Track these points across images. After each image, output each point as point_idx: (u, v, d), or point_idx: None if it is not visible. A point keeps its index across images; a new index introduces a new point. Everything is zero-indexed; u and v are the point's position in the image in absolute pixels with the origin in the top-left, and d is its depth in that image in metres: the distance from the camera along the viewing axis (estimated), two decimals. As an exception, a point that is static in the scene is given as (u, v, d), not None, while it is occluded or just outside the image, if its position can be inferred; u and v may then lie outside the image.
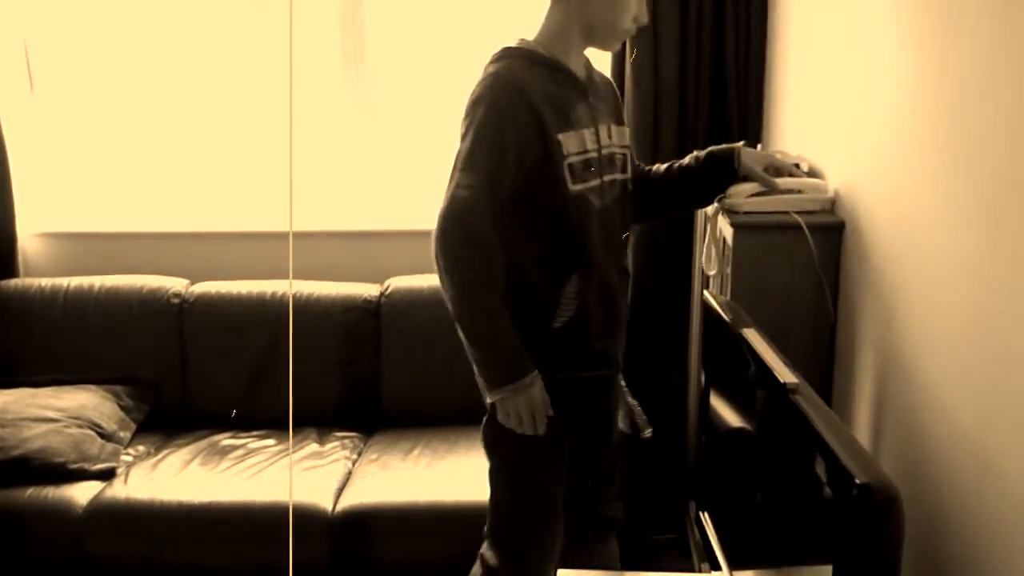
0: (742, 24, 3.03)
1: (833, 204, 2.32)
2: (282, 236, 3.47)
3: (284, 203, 3.55)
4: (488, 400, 1.90)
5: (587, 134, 1.92)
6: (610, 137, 2.00)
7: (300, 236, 3.48)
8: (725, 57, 3.05)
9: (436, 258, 1.84)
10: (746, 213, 2.31)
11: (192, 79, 3.52)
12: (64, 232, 3.54)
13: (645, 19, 1.94)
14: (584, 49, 1.99)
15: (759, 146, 2.95)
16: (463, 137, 1.85)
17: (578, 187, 1.89)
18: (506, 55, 1.91)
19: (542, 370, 1.90)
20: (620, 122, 2.08)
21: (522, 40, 1.94)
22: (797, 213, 2.26)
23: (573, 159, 1.88)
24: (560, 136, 1.86)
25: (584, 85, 1.97)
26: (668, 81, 3.04)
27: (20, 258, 3.44)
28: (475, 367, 1.89)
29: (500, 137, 1.82)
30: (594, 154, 1.93)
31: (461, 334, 1.87)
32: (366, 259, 3.43)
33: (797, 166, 2.29)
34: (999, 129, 1.47)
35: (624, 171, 2.05)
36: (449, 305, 1.86)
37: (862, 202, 2.16)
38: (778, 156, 2.25)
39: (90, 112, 3.56)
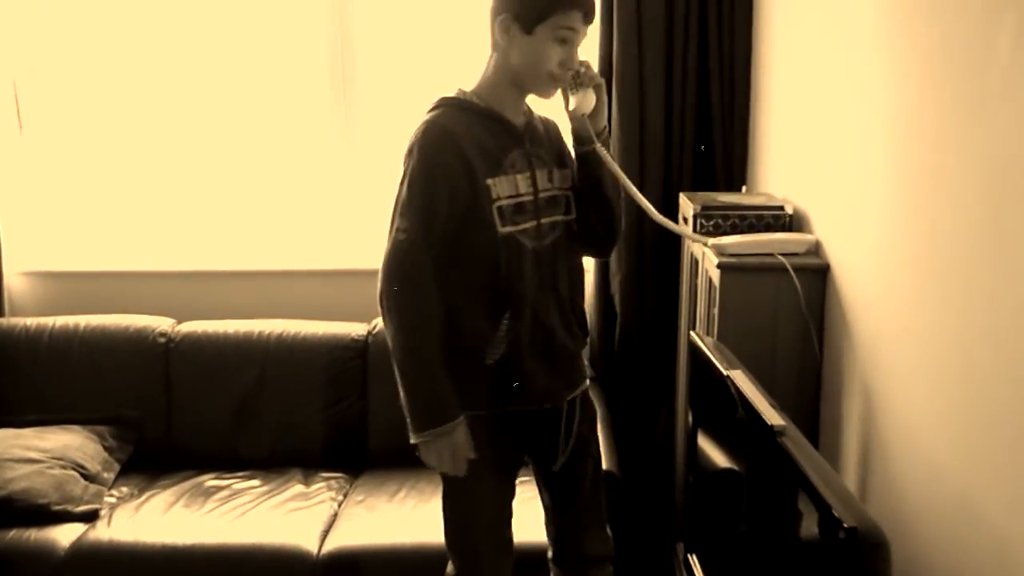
0: (726, 69, 3.07)
1: (818, 247, 2.35)
2: (268, 275, 3.48)
3: (270, 242, 3.57)
4: (411, 440, 1.96)
5: (520, 179, 1.97)
6: (551, 180, 2.04)
7: (287, 274, 3.49)
8: (711, 100, 3.09)
9: (379, 300, 1.92)
10: (732, 255, 2.34)
11: (177, 118, 3.53)
12: (50, 271, 3.53)
13: (574, 65, 1.95)
14: (522, 97, 2.03)
15: (744, 188, 2.98)
16: (400, 184, 1.94)
17: (507, 229, 1.95)
18: (441, 104, 1.98)
19: (478, 405, 1.98)
20: (563, 165, 2.10)
21: (460, 90, 2.00)
22: (782, 255, 2.29)
23: (503, 202, 1.94)
24: (489, 181, 1.93)
25: (520, 132, 2.01)
26: (653, 125, 3.08)
27: (5, 297, 3.43)
28: (403, 405, 1.96)
29: (430, 182, 1.90)
30: (528, 197, 1.98)
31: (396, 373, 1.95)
32: (353, 298, 3.42)
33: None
34: (979, 178, 1.50)
35: (568, 212, 2.08)
36: (389, 345, 1.94)
37: (846, 245, 2.18)
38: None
39: (76, 152, 3.57)
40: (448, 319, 1.95)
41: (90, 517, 2.77)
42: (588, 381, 2.22)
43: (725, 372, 1.91)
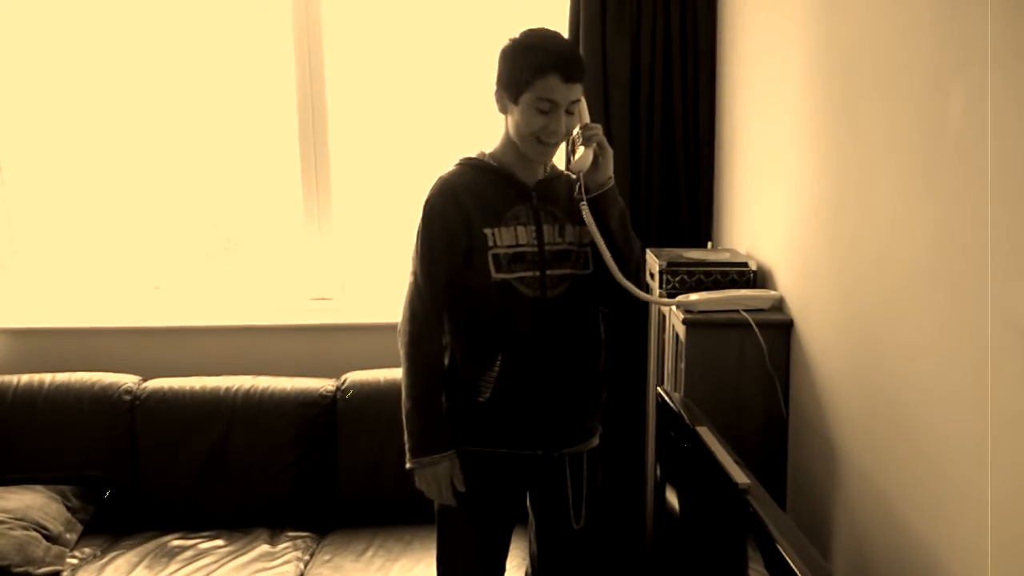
0: (691, 126, 3.14)
1: (782, 302, 2.38)
2: (235, 330, 3.47)
3: (236, 297, 3.55)
4: (406, 465, 2.10)
5: (522, 231, 2.08)
6: (561, 235, 2.11)
7: (254, 330, 3.47)
8: (676, 158, 3.15)
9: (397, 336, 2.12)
10: (700, 312, 2.37)
11: (142, 174, 3.55)
12: (14, 328, 3.49)
13: (557, 135, 2.02)
14: (543, 159, 2.12)
15: (709, 244, 3.02)
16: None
17: (502, 275, 2.05)
18: (459, 163, 2.15)
19: (470, 441, 2.11)
20: (583, 222, 2.13)
21: (480, 151, 2.15)
22: (747, 311, 2.32)
23: (500, 251, 2.05)
24: (486, 230, 2.06)
25: (527, 189, 2.11)
26: (620, 183, 3.10)
27: (-32, 354, 3.39)
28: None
29: (430, 231, 2.08)
30: (531, 249, 2.07)
31: None
32: (321, 354, 3.42)
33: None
34: (930, 237, 1.53)
35: (585, 267, 2.14)
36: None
37: (809, 301, 2.22)
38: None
39: (42, 208, 3.56)
40: (450, 355, 2.11)
41: (51, 580, 2.72)
42: (597, 439, 2.26)
43: (692, 428, 1.93)
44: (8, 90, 3.47)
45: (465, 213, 2.05)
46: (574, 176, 2.10)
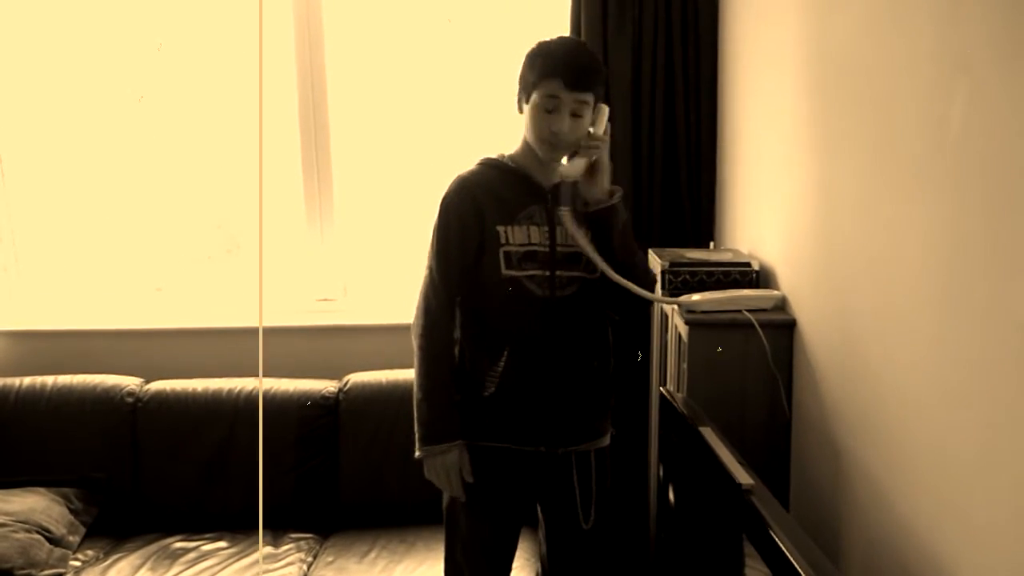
0: (693, 127, 3.13)
1: (784, 302, 2.38)
2: (238, 332, 3.46)
3: (240, 299, 3.55)
4: (416, 454, 2.13)
5: (535, 230, 2.10)
6: (576, 237, 2.09)
7: (256, 332, 3.46)
8: (678, 158, 3.14)
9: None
10: (703, 312, 2.36)
11: (145, 177, 3.54)
12: (16, 331, 3.49)
13: (560, 135, 2.03)
14: (551, 159, 2.13)
15: (711, 244, 3.02)
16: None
17: (511, 272, 2.09)
18: (479, 163, 2.20)
19: (475, 435, 2.14)
20: (598, 228, 2.12)
21: (500, 153, 2.19)
22: (749, 311, 2.32)
23: (511, 248, 2.09)
24: (499, 227, 2.09)
25: (543, 190, 2.13)
26: (623, 183, 3.11)
27: (-29, 357, 3.39)
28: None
29: (445, 226, 2.13)
30: (542, 249, 2.10)
31: None
32: (324, 355, 3.42)
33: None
34: (933, 240, 1.53)
35: (595, 271, 2.13)
36: None
37: (812, 301, 2.21)
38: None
39: (43, 210, 3.56)
40: (458, 349, 2.15)
41: (55, 582, 2.71)
42: (607, 440, 2.27)
43: (695, 428, 1.92)
44: (10, 91, 3.47)
45: (480, 210, 2.10)
46: (564, 182, 2.06)
